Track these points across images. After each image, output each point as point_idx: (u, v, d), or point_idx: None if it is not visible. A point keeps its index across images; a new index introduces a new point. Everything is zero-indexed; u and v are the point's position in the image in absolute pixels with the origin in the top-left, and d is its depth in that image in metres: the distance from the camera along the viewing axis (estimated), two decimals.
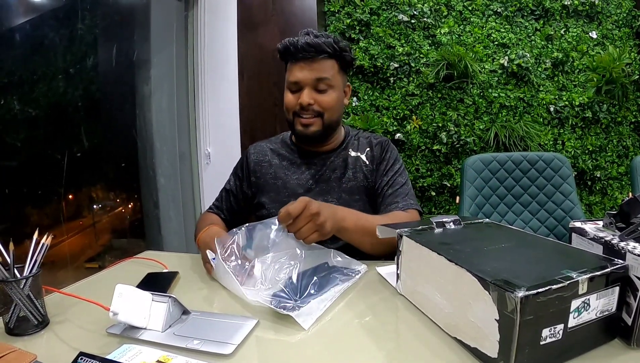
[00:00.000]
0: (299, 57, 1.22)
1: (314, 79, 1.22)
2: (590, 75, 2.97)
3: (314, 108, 1.23)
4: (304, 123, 1.25)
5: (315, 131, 1.26)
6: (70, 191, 2.09)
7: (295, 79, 1.23)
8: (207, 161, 2.89)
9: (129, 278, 1.02)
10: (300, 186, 1.32)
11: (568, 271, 0.60)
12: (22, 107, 1.80)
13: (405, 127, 3.03)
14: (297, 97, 1.24)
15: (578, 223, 0.84)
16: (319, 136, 1.28)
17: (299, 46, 1.20)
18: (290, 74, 1.25)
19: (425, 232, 0.90)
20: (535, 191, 2.04)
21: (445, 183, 3.02)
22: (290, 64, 1.25)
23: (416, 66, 3.01)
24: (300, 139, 1.32)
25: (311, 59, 1.21)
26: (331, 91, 1.25)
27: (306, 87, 1.22)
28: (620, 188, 3.06)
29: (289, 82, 1.25)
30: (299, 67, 1.22)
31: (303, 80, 1.22)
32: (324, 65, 1.23)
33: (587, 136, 3.02)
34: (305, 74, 1.22)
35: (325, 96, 1.24)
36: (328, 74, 1.23)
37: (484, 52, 3.00)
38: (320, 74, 1.22)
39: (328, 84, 1.24)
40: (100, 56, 2.22)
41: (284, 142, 1.42)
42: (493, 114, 2.99)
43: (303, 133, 1.26)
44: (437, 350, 0.68)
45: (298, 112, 1.24)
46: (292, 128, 1.30)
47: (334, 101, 1.25)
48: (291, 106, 1.25)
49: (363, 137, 1.41)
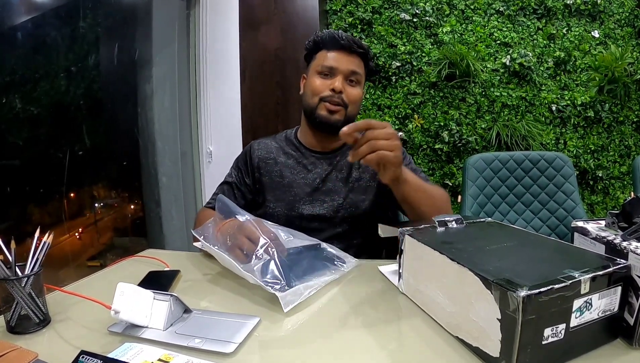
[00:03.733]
0: (339, 46, 1.26)
1: (349, 70, 1.27)
2: (593, 74, 2.97)
3: (342, 97, 1.25)
4: (330, 109, 1.26)
5: (337, 120, 1.26)
6: (72, 190, 2.10)
7: (331, 64, 1.26)
8: (208, 160, 2.89)
9: (131, 276, 1.02)
10: (307, 186, 1.32)
11: (570, 271, 0.60)
12: (24, 106, 1.81)
13: (407, 126, 3.03)
14: (327, 82, 1.27)
15: (580, 223, 0.84)
16: (339, 127, 1.27)
17: (343, 36, 1.26)
18: (324, 60, 1.28)
19: (428, 231, 0.89)
20: (537, 191, 2.04)
21: (447, 182, 3.02)
22: (325, 52, 1.29)
23: (418, 65, 3.01)
24: (320, 126, 1.30)
25: (349, 51, 1.27)
26: (358, 87, 1.30)
27: (340, 75, 1.26)
28: (622, 187, 3.06)
29: (324, 67, 1.27)
30: (336, 56, 1.27)
31: (339, 68, 1.26)
32: (358, 61, 1.30)
33: (589, 135, 3.02)
34: (343, 62, 1.26)
35: (353, 90, 1.28)
36: (360, 70, 1.30)
37: (486, 51, 3.00)
38: (355, 68, 1.28)
39: (358, 79, 1.30)
40: (102, 55, 2.23)
41: (288, 140, 1.42)
42: (495, 113, 2.99)
43: (326, 119, 1.27)
44: (439, 350, 0.68)
45: (326, 97, 1.26)
46: (311, 115, 1.29)
47: (359, 97, 1.30)
48: (320, 89, 1.27)
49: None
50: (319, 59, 1.29)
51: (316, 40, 1.31)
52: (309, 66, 1.35)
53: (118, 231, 2.60)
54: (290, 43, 2.70)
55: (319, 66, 1.28)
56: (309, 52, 1.35)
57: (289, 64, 2.71)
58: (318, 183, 1.31)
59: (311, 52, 1.34)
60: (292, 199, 1.30)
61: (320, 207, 1.29)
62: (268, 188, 1.34)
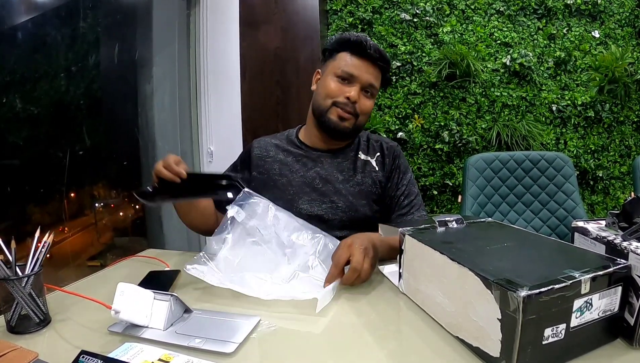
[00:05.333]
0: (364, 54, 1.23)
1: (368, 82, 1.25)
2: (593, 74, 2.96)
3: (355, 107, 1.24)
4: (341, 115, 1.24)
5: (346, 127, 1.26)
6: (72, 190, 2.10)
7: (352, 71, 1.23)
8: (209, 160, 2.89)
9: (131, 276, 1.02)
10: (305, 185, 1.30)
11: (571, 271, 0.60)
12: (24, 106, 1.81)
13: (408, 126, 3.02)
14: (344, 89, 1.24)
15: (580, 223, 0.84)
16: (347, 134, 1.29)
17: (371, 45, 1.23)
18: (345, 64, 1.24)
19: (428, 231, 0.90)
20: (537, 191, 2.04)
21: (447, 182, 3.01)
22: (348, 55, 1.25)
23: (418, 65, 3.01)
24: (328, 129, 1.29)
25: (372, 62, 1.25)
26: (372, 99, 1.29)
27: (358, 84, 1.24)
28: (623, 187, 3.05)
29: (343, 71, 1.24)
30: (358, 63, 1.24)
31: (360, 77, 1.24)
32: (377, 74, 1.27)
33: (590, 135, 3.01)
34: (363, 72, 1.24)
35: (367, 101, 1.27)
36: (377, 83, 1.28)
37: (487, 51, 2.99)
38: (374, 81, 1.26)
39: (373, 92, 1.28)
40: (102, 55, 2.22)
41: (289, 139, 1.40)
42: (495, 113, 2.99)
43: (335, 124, 1.26)
44: (439, 350, 0.68)
45: (339, 102, 1.24)
46: (321, 116, 1.28)
47: (371, 108, 1.30)
48: (335, 93, 1.25)
49: (373, 140, 1.40)
50: (340, 60, 1.26)
51: (343, 40, 1.27)
52: (326, 63, 1.31)
53: (118, 231, 2.59)
54: (291, 43, 2.70)
55: (339, 69, 1.25)
56: (331, 50, 1.31)
57: (289, 63, 2.70)
58: (318, 183, 1.30)
59: (333, 50, 1.30)
60: (291, 198, 1.28)
61: (319, 207, 1.27)
62: (267, 186, 1.31)
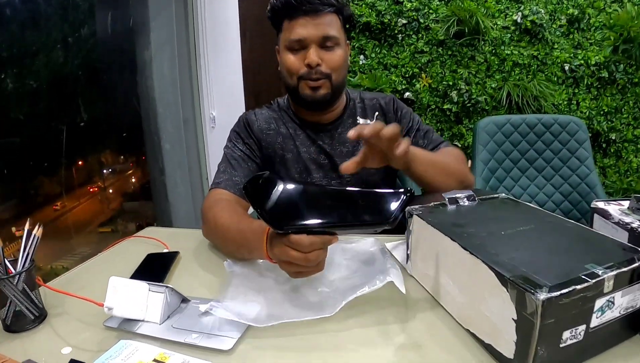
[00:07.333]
0: (300, 12, 1.10)
1: (320, 37, 1.10)
2: (607, 33, 2.84)
3: (322, 69, 1.12)
4: (312, 86, 1.13)
5: (324, 95, 1.14)
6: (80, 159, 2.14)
7: (298, 36, 1.10)
8: (212, 125, 2.83)
9: (129, 260, 0.99)
10: (311, 161, 1.23)
11: (593, 266, 0.55)
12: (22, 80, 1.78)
13: (415, 85, 2.95)
14: (301, 57, 1.12)
15: (601, 204, 0.79)
16: (328, 101, 1.17)
17: None
18: (290, 32, 1.11)
19: (437, 210, 0.85)
20: (550, 156, 1.97)
21: (456, 143, 2.96)
22: (289, 22, 1.12)
23: (425, 22, 2.90)
24: (307, 105, 1.19)
25: (315, 14, 1.09)
26: (337, 48, 1.13)
27: (312, 46, 1.10)
28: (636, 151, 2.98)
29: (291, 41, 1.11)
30: (301, 24, 1.09)
31: (308, 37, 1.09)
32: (329, 20, 1.11)
33: (603, 96, 2.92)
34: (310, 30, 1.09)
35: (333, 55, 1.12)
36: (334, 31, 1.12)
37: (496, 8, 2.87)
38: (327, 31, 1.10)
39: (335, 41, 1.12)
40: (97, 23, 2.16)
41: (282, 110, 1.30)
42: (505, 73, 2.89)
43: (312, 98, 1.14)
44: (448, 343, 0.64)
45: (304, 74, 1.12)
46: (295, 95, 1.18)
47: (341, 60, 1.14)
48: (295, 68, 1.13)
49: (367, 99, 1.30)
50: (285, 31, 1.13)
51: (274, 8, 1.14)
52: (278, 37, 1.18)
53: (127, 196, 2.67)
54: None
55: (286, 41, 1.12)
56: (274, 23, 1.17)
57: None
58: (323, 159, 1.23)
59: (275, 23, 1.17)
60: (299, 176, 1.21)
61: (328, 184, 1.21)
62: (272, 162, 1.25)
